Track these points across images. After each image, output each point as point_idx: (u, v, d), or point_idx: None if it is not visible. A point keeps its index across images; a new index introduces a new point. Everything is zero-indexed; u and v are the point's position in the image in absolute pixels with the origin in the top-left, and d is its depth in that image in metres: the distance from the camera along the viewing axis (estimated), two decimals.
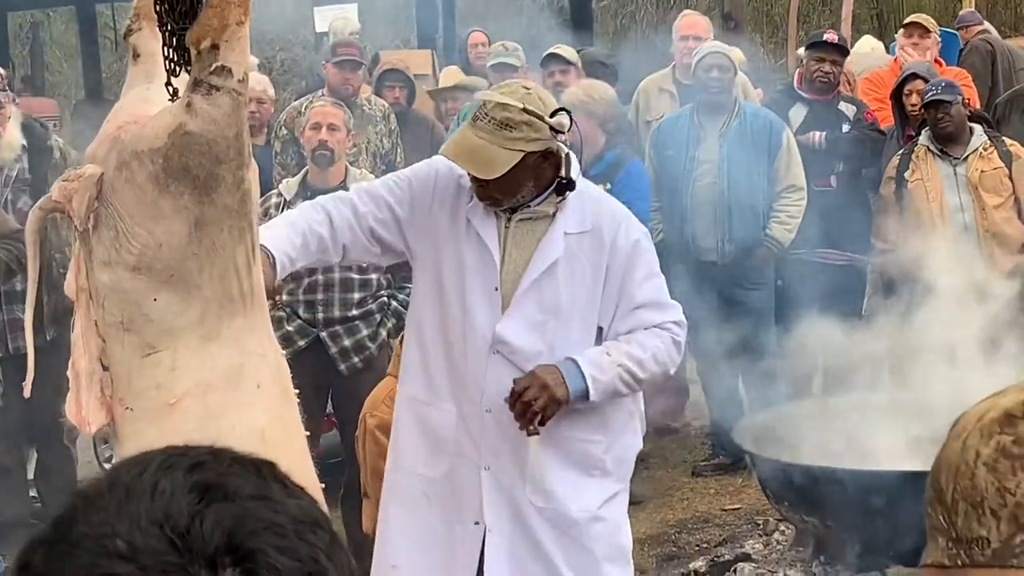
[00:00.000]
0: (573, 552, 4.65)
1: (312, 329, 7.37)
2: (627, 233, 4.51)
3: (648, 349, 4.52)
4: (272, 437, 3.71)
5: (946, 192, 8.34)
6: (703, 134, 8.59)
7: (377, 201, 4.54)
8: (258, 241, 3.78)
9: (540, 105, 4.30)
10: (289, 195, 7.47)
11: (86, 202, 3.63)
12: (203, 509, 1.17)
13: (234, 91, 3.54)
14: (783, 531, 7.32)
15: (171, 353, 3.61)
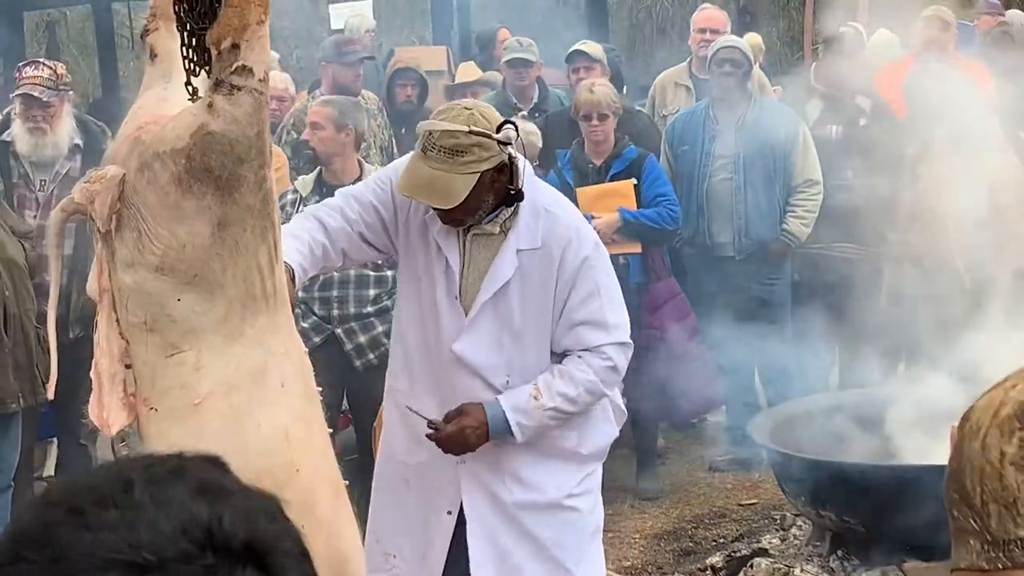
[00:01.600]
0: (555, 529, 4.73)
1: (327, 326, 7.38)
2: (576, 250, 4.49)
3: (579, 384, 4.53)
4: (296, 435, 3.73)
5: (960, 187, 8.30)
6: (719, 129, 8.58)
7: (364, 205, 4.58)
8: (281, 240, 3.80)
9: (485, 123, 4.31)
10: (305, 192, 7.49)
11: (108, 203, 3.63)
12: (215, 508, 1.21)
13: (255, 90, 3.54)
14: (800, 526, 7.30)
15: (195, 353, 3.63)
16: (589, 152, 8.37)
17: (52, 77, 7.61)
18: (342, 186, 7.40)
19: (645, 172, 8.29)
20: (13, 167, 7.64)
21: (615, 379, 4.62)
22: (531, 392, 4.54)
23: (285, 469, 3.65)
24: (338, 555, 3.87)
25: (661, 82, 9.85)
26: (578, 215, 4.70)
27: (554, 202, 4.59)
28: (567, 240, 4.47)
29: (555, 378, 4.55)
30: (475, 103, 4.49)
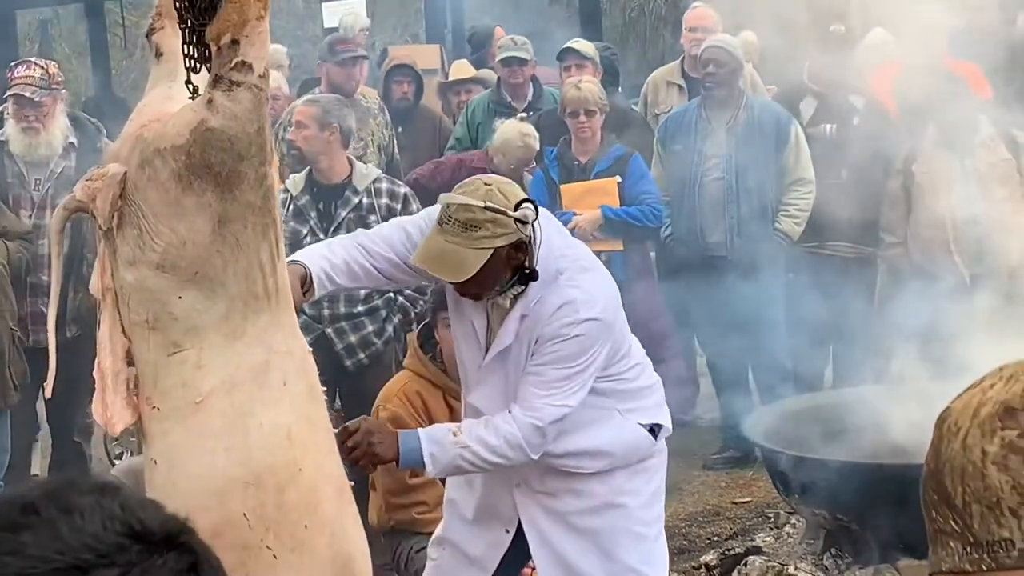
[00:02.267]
0: (609, 527, 4.78)
1: (318, 325, 7.37)
2: (561, 317, 4.45)
3: (501, 434, 4.51)
4: (298, 434, 3.73)
5: (955, 184, 8.31)
6: (710, 128, 8.58)
7: (411, 242, 4.53)
8: (282, 237, 3.79)
9: (503, 200, 4.31)
10: (295, 191, 7.48)
11: (110, 201, 3.63)
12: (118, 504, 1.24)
13: (255, 86, 3.54)
14: (794, 524, 7.31)
15: (197, 351, 3.62)
16: (576, 149, 8.38)
17: (44, 76, 7.61)
18: (332, 185, 7.45)
19: (630, 170, 8.32)
20: (7, 166, 7.63)
21: (538, 440, 4.52)
22: (451, 429, 4.58)
23: (287, 468, 3.65)
24: (342, 554, 3.87)
25: (654, 81, 9.85)
26: (592, 279, 4.58)
27: (570, 266, 4.53)
28: (558, 305, 4.45)
29: (478, 425, 4.56)
30: (496, 179, 4.46)
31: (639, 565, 4.80)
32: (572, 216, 8.23)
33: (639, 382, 4.80)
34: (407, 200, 7.52)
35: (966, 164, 8.32)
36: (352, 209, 7.41)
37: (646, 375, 4.86)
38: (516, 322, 4.52)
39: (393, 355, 7.61)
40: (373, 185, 7.48)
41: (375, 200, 7.43)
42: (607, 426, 4.73)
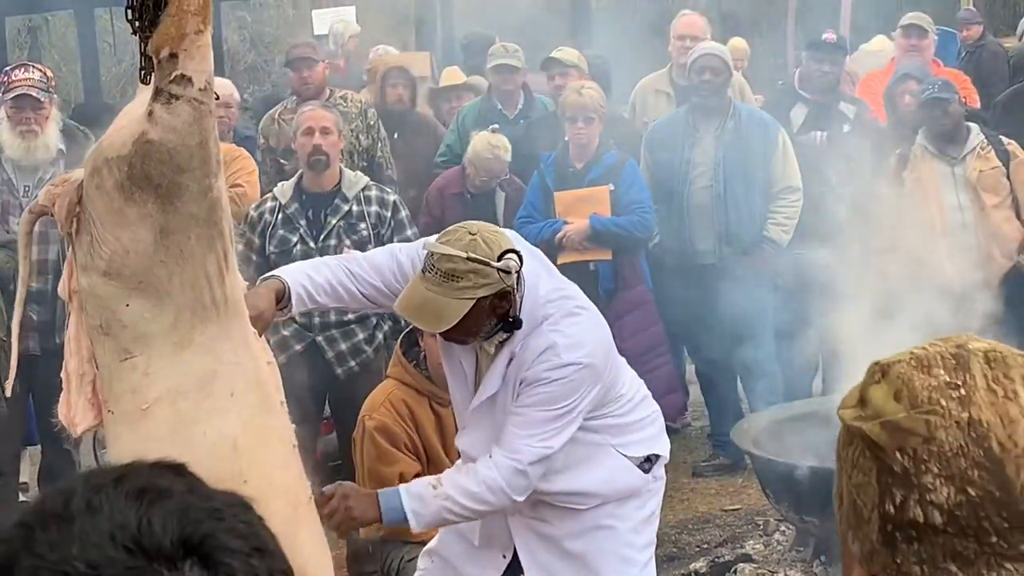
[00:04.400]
0: (595, 545, 4.77)
1: (308, 333, 7.36)
2: (543, 360, 4.43)
3: (481, 481, 4.49)
4: (245, 446, 3.71)
5: (944, 192, 8.33)
6: (698, 136, 8.58)
7: (404, 271, 4.53)
8: (231, 250, 3.77)
9: (486, 250, 4.29)
10: (284, 199, 7.46)
11: (66, 206, 3.66)
12: (147, 511, 1.21)
13: (195, 100, 3.54)
14: (783, 531, 7.32)
15: (145, 359, 3.64)
16: (572, 155, 8.38)
17: (43, 79, 7.62)
18: (321, 193, 7.44)
19: (623, 177, 8.31)
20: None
21: (520, 483, 4.50)
22: (431, 482, 4.57)
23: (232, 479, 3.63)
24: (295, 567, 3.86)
25: (642, 88, 9.85)
26: (576, 323, 4.51)
27: (555, 311, 4.49)
28: (541, 349, 4.43)
29: (459, 472, 4.56)
30: (481, 228, 4.41)
31: None
32: (562, 225, 8.23)
33: (633, 415, 4.78)
34: (396, 207, 7.51)
35: (956, 172, 8.34)
36: (342, 217, 7.40)
37: (642, 407, 4.84)
38: (503, 368, 4.50)
39: (383, 363, 7.60)
40: (363, 192, 7.48)
41: (364, 208, 7.43)
42: (600, 464, 4.71)
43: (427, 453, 5.97)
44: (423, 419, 5.96)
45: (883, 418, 1.66)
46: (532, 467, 4.48)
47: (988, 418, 1.62)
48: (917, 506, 1.61)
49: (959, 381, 1.65)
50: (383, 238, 7.37)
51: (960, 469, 1.61)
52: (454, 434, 5.97)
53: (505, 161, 8.45)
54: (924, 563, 1.61)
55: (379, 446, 5.91)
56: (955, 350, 1.69)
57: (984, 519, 1.60)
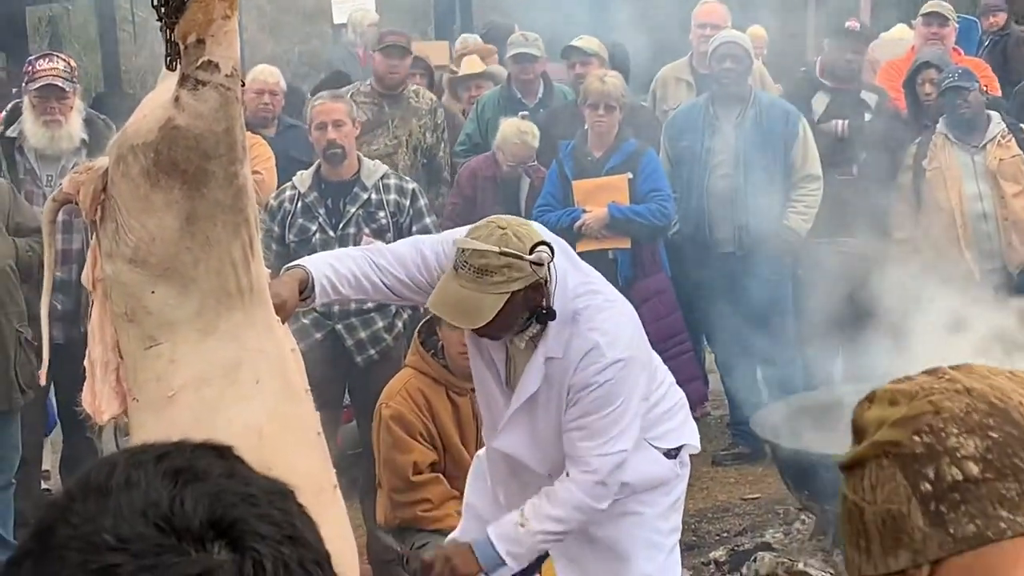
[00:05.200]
0: (622, 531, 4.79)
1: (328, 322, 7.37)
2: (591, 359, 4.44)
3: (564, 504, 4.52)
4: (270, 433, 3.72)
5: (964, 181, 8.31)
6: (718, 124, 8.56)
7: (428, 265, 4.52)
8: (257, 237, 3.78)
9: (517, 244, 4.29)
10: (303, 188, 7.46)
11: (91, 194, 3.66)
12: (180, 491, 1.23)
13: (221, 86, 3.54)
14: (804, 520, 7.31)
15: (171, 346, 3.64)
16: (591, 144, 8.37)
17: (67, 69, 7.64)
18: (340, 182, 7.44)
19: (642, 166, 8.30)
20: (19, 162, 7.64)
21: (603, 492, 4.54)
22: (517, 520, 4.58)
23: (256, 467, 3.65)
24: None
25: (662, 77, 9.83)
26: (610, 318, 4.53)
27: (587, 306, 4.49)
28: (584, 351, 4.43)
29: (541, 500, 4.57)
30: (511, 222, 4.42)
31: (656, 574, 4.80)
32: (581, 214, 8.23)
33: (664, 405, 4.80)
34: (415, 196, 7.51)
35: (976, 160, 8.32)
36: (361, 205, 7.40)
37: (670, 395, 4.85)
38: (540, 367, 4.49)
39: (403, 350, 7.61)
40: (381, 181, 7.48)
41: (383, 196, 7.43)
42: (636, 458, 4.70)
43: (443, 442, 5.98)
44: (440, 408, 5.97)
45: (889, 421, 1.71)
46: (611, 476, 4.52)
47: (979, 387, 1.70)
48: (952, 467, 1.65)
49: (940, 375, 1.74)
50: (402, 227, 7.38)
51: (975, 421, 1.67)
52: (470, 423, 6.00)
53: (532, 147, 8.46)
54: (975, 518, 1.64)
55: (395, 434, 5.92)
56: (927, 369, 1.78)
57: (1014, 456, 1.65)
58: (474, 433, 6.02)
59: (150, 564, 1.17)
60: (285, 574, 1.21)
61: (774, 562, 6.72)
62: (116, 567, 1.17)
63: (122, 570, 1.17)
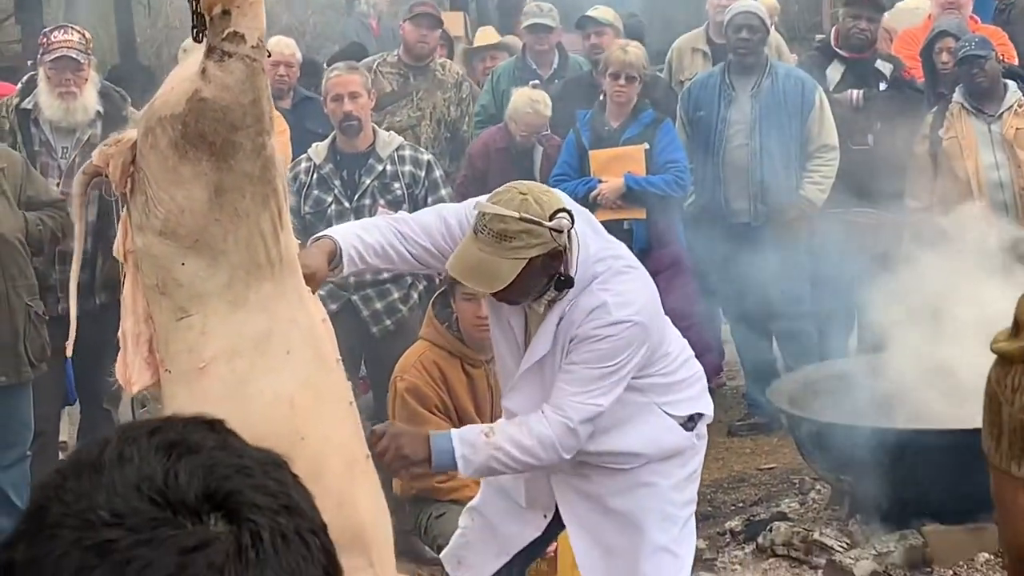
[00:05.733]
0: (637, 502, 4.78)
1: (343, 293, 7.38)
2: (594, 319, 4.44)
3: (533, 435, 4.50)
4: (301, 404, 3.72)
5: (981, 150, 8.28)
6: (734, 94, 8.55)
7: (452, 232, 4.53)
8: (286, 208, 3.79)
9: (537, 210, 4.28)
10: (318, 159, 7.47)
11: (120, 167, 3.67)
12: (174, 464, 1.22)
13: (248, 57, 3.54)
14: (819, 490, 7.32)
15: (201, 317, 3.65)
16: (609, 113, 8.36)
17: (82, 41, 7.63)
18: (355, 153, 7.44)
19: (659, 136, 8.29)
20: (34, 134, 7.65)
21: (571, 443, 4.52)
22: (483, 430, 4.58)
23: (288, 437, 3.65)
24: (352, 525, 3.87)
25: (678, 47, 9.81)
26: (625, 281, 4.53)
27: (606, 269, 4.49)
28: (591, 308, 4.44)
29: (511, 425, 4.57)
30: (532, 188, 4.41)
31: (671, 545, 4.81)
32: (597, 184, 8.22)
33: (678, 374, 4.79)
34: (430, 167, 7.52)
35: (993, 129, 8.30)
36: (376, 177, 7.41)
37: (686, 366, 4.84)
38: (552, 329, 4.50)
39: (418, 322, 7.62)
40: (396, 152, 7.48)
41: (399, 167, 7.43)
42: (645, 423, 4.72)
43: (458, 414, 6.00)
44: (454, 381, 5.99)
45: None
46: (582, 425, 4.49)
47: None
48: None
49: None
50: (417, 198, 7.38)
51: None
52: (485, 396, 6.01)
53: (545, 116, 8.44)
54: None
55: (409, 407, 5.94)
56: None
57: None
58: (489, 404, 6.04)
59: (146, 538, 1.17)
60: (283, 544, 1.21)
61: (789, 532, 6.73)
62: (112, 543, 1.17)
63: (118, 545, 1.16)
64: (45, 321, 7.02)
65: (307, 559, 1.22)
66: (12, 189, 6.95)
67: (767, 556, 6.73)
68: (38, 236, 7.02)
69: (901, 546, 6.34)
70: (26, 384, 7.01)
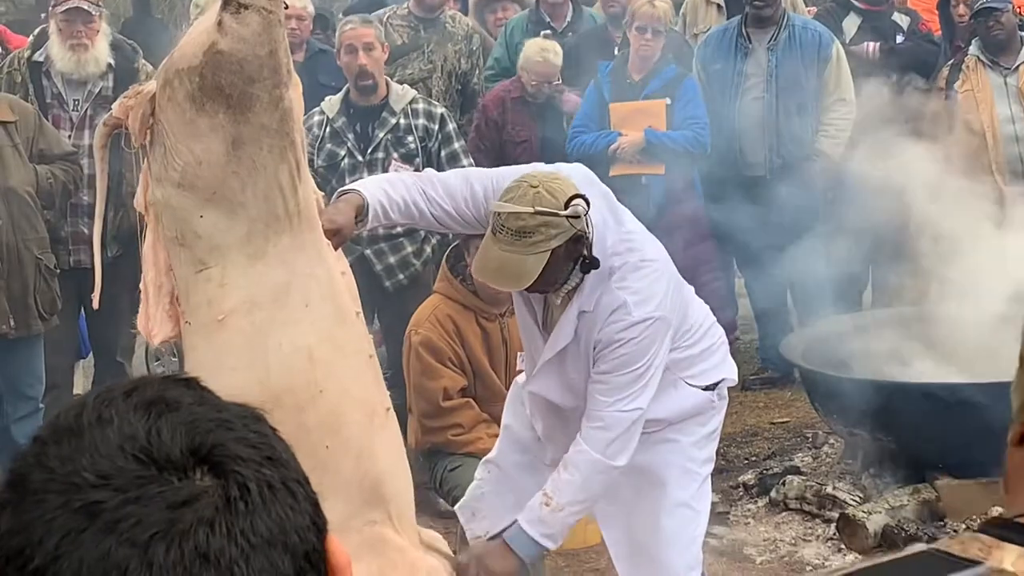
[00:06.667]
0: (658, 457, 4.78)
1: (357, 247, 7.37)
2: (618, 317, 4.43)
3: (582, 467, 4.50)
4: (320, 356, 3.73)
5: (996, 102, 8.25)
6: (751, 47, 8.51)
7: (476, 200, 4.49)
8: (304, 160, 3.78)
9: (551, 201, 4.26)
10: (331, 113, 7.45)
11: (139, 118, 3.67)
12: (155, 422, 1.22)
13: (264, 8, 3.52)
14: (832, 444, 7.33)
15: (220, 270, 3.65)
16: (631, 66, 8.32)
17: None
18: (369, 106, 7.42)
19: (680, 92, 8.25)
20: (46, 87, 7.64)
21: (618, 448, 4.50)
22: (542, 500, 4.56)
23: (307, 389, 3.65)
24: (371, 477, 3.88)
25: (692, 0, 9.76)
26: (643, 276, 4.48)
27: (623, 264, 4.47)
28: (612, 308, 4.42)
29: (560, 472, 4.56)
30: (542, 179, 4.35)
31: (690, 501, 4.82)
32: (617, 137, 8.19)
33: (701, 344, 4.78)
34: (444, 120, 7.49)
35: (1009, 82, 8.26)
36: (389, 130, 7.39)
37: (709, 334, 4.83)
38: (573, 321, 4.50)
39: (432, 276, 7.62)
40: (410, 106, 7.45)
41: (412, 121, 7.41)
42: (668, 396, 4.71)
43: (473, 367, 6.01)
44: (469, 334, 5.99)
45: None
46: (626, 433, 4.49)
47: None
48: None
49: None
50: (430, 151, 7.37)
51: None
52: (499, 349, 6.02)
53: (555, 64, 8.38)
54: None
55: (424, 361, 5.94)
56: None
57: None
58: (503, 358, 6.04)
59: (134, 496, 1.16)
60: (270, 494, 1.21)
61: (803, 486, 6.75)
62: (100, 503, 1.16)
63: (107, 505, 1.16)
64: (56, 274, 7.03)
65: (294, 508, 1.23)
66: (24, 142, 6.95)
67: (780, 510, 6.75)
68: (48, 189, 7.03)
69: (914, 500, 6.35)
70: (36, 337, 7.04)
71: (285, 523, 1.21)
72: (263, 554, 1.19)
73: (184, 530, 1.16)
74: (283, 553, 1.20)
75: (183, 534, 1.16)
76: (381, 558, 3.90)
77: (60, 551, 1.16)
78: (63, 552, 1.16)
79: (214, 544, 1.16)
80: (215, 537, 1.17)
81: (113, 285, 6.07)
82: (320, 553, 1.25)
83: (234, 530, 1.18)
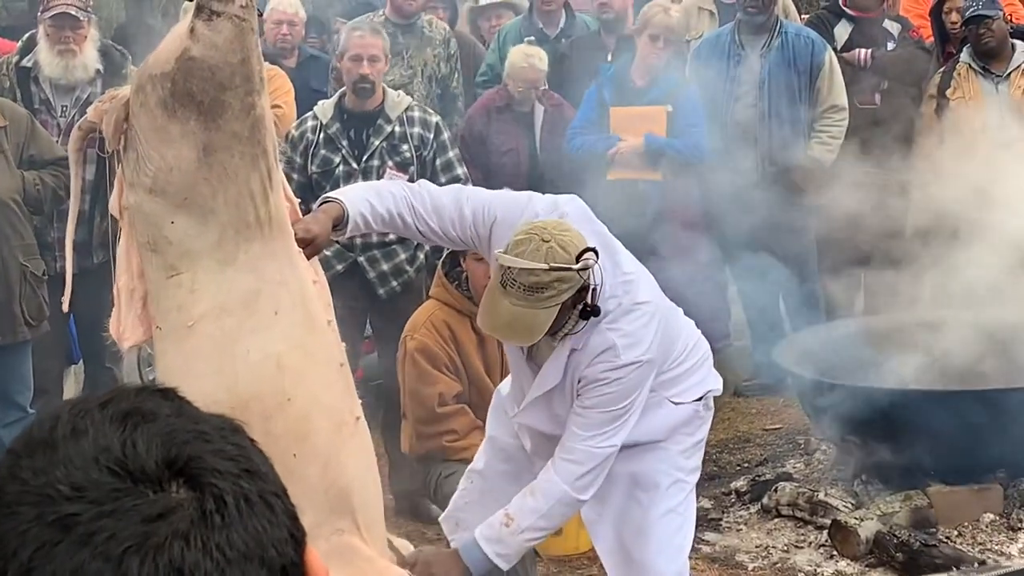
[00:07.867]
0: (645, 464, 4.79)
1: (350, 254, 7.36)
2: (604, 360, 4.44)
3: (549, 497, 4.53)
4: (289, 363, 3.72)
5: (988, 110, 8.26)
6: (744, 54, 8.52)
7: (463, 223, 4.49)
8: (276, 169, 3.76)
9: (564, 256, 4.23)
10: (325, 118, 7.43)
11: (114, 123, 3.67)
12: (131, 434, 1.21)
13: (236, 16, 3.52)
14: (824, 451, 7.33)
15: (191, 275, 3.66)
16: (635, 71, 8.33)
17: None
18: (363, 113, 7.40)
19: (682, 100, 8.26)
20: (34, 93, 7.63)
21: (587, 482, 4.54)
22: (503, 520, 4.58)
23: (275, 397, 3.65)
24: (338, 486, 3.86)
25: (685, 6, 9.76)
26: (634, 320, 4.48)
27: (617, 306, 4.46)
28: (601, 349, 4.43)
29: (525, 498, 4.58)
30: (553, 232, 4.30)
31: (679, 508, 4.82)
32: (617, 141, 8.20)
33: (686, 364, 4.78)
34: (439, 129, 7.48)
35: (1000, 89, 8.27)
36: (385, 138, 7.37)
37: (695, 351, 4.83)
38: (563, 361, 4.50)
39: (425, 283, 7.61)
40: (405, 114, 7.44)
41: (407, 129, 7.40)
42: (655, 415, 4.72)
43: (468, 373, 6.00)
44: (464, 339, 5.98)
45: None
46: (597, 467, 4.52)
47: None
48: None
49: None
50: (425, 160, 7.36)
51: None
52: (495, 354, 6.02)
53: (541, 70, 8.38)
54: None
55: (419, 366, 5.94)
56: None
57: None
58: (499, 364, 6.04)
59: (109, 509, 1.16)
60: (247, 507, 1.20)
61: (795, 492, 6.75)
62: (74, 516, 1.15)
63: (81, 518, 1.15)
64: (44, 280, 7.03)
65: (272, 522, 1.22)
66: (14, 148, 6.94)
67: (772, 516, 6.75)
68: (36, 195, 7.02)
69: (906, 506, 6.35)
70: (24, 343, 7.03)
71: (262, 536, 1.21)
72: (239, 568, 1.18)
73: (159, 544, 1.15)
74: (260, 567, 1.19)
75: (157, 548, 1.15)
76: (349, 567, 3.89)
77: (33, 564, 1.15)
78: (36, 565, 1.15)
79: (189, 558, 1.16)
80: (190, 551, 1.16)
81: (99, 291, 6.07)
82: (298, 566, 1.24)
83: (210, 544, 1.17)
